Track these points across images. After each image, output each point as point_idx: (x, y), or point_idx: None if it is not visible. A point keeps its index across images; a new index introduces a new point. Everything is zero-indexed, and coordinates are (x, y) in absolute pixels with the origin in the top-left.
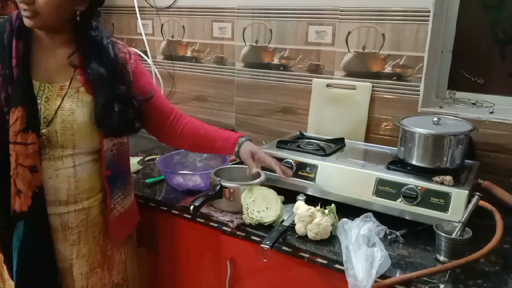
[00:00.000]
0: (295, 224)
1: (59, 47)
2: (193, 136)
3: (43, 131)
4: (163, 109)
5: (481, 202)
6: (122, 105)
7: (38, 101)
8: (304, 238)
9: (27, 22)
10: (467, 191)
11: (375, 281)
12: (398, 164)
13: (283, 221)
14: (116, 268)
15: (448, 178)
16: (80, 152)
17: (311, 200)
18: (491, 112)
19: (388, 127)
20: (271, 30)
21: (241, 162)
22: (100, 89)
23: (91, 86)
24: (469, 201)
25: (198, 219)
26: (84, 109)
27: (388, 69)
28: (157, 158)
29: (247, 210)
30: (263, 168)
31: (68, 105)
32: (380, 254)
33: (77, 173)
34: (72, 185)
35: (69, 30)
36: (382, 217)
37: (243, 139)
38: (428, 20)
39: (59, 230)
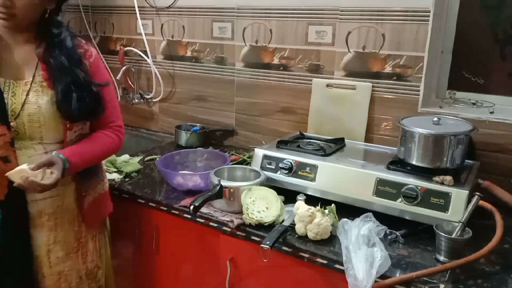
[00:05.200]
0: (295, 224)
1: (22, 45)
2: None
3: (12, 124)
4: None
5: (481, 202)
6: (81, 91)
7: (5, 96)
8: (304, 238)
9: (2, 23)
10: (467, 191)
11: (375, 281)
12: (398, 164)
13: (283, 221)
14: (90, 256)
15: (448, 178)
16: (47, 143)
17: (311, 200)
18: (491, 112)
19: (388, 127)
20: (271, 30)
21: (241, 162)
22: (61, 76)
23: (53, 78)
24: (469, 201)
25: (198, 219)
26: (49, 102)
27: (388, 69)
28: (157, 158)
29: (247, 210)
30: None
31: (34, 99)
32: (380, 254)
33: None
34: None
35: (34, 28)
36: (382, 217)
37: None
38: (428, 20)
39: (35, 217)
